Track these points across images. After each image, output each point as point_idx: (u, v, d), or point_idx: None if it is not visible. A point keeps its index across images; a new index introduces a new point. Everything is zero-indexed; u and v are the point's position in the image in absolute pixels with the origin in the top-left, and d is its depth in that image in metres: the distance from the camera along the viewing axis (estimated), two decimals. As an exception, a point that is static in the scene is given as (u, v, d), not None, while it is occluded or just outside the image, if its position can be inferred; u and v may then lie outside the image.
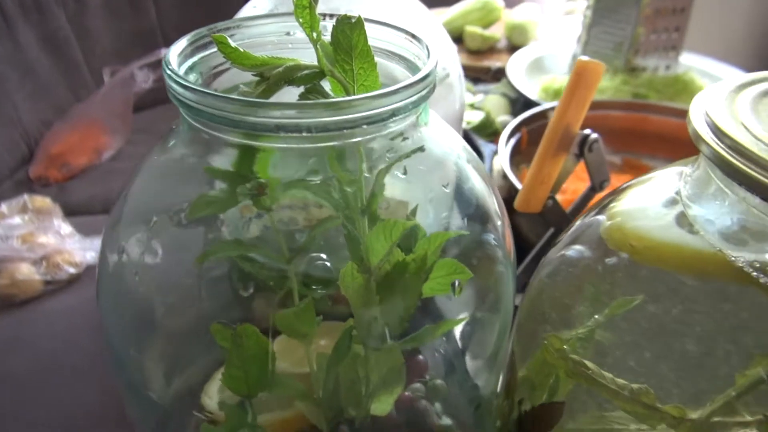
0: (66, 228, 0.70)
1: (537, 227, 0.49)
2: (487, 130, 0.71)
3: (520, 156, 0.61)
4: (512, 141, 0.59)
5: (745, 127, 0.16)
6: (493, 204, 0.25)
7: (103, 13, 1.09)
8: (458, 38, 0.94)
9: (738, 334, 0.19)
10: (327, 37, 0.25)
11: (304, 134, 0.17)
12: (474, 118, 0.73)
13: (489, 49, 0.93)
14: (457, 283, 0.22)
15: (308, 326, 0.26)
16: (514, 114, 0.75)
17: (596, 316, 0.22)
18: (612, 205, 0.23)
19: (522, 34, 0.92)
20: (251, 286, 0.26)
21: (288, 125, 0.17)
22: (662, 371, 0.20)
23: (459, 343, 0.32)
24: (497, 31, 0.94)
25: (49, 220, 0.73)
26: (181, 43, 0.20)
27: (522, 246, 0.52)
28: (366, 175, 0.21)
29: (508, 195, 0.56)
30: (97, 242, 0.67)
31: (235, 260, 0.25)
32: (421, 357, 0.34)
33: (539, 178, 0.34)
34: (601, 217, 0.23)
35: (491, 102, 0.75)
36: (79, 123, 0.95)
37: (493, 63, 0.87)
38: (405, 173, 0.21)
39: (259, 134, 0.18)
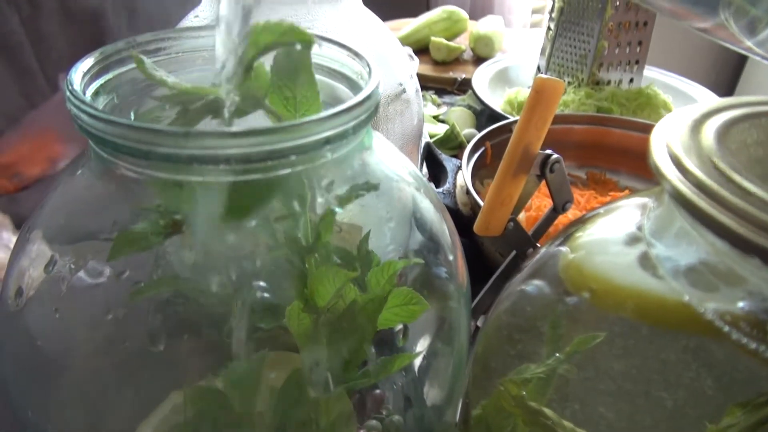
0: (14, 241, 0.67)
1: (501, 246, 0.48)
2: (452, 144, 0.69)
3: (485, 170, 0.59)
4: (475, 156, 0.57)
5: (713, 163, 0.14)
6: (444, 233, 0.23)
7: (58, 18, 1.05)
8: (424, 49, 0.93)
9: (708, 384, 0.17)
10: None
11: (222, 167, 0.15)
12: (438, 130, 0.71)
13: (454, 60, 0.92)
14: (401, 330, 0.20)
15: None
16: (479, 127, 0.74)
17: (557, 354, 0.21)
18: (577, 235, 0.22)
19: (487, 45, 0.91)
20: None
21: (203, 156, 0.15)
22: (627, 421, 0.19)
23: (416, 375, 0.30)
24: (462, 42, 0.94)
25: (-2, 233, 0.69)
26: (89, 61, 0.18)
27: (486, 265, 0.50)
28: (320, 200, 0.19)
29: (472, 212, 0.55)
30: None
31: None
32: (378, 391, 0.32)
33: (499, 200, 0.32)
34: (564, 249, 0.22)
35: (456, 114, 0.74)
36: (32, 131, 0.91)
37: (459, 74, 0.86)
38: (341, 207, 0.19)
39: (173, 166, 0.16)
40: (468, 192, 0.52)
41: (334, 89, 0.22)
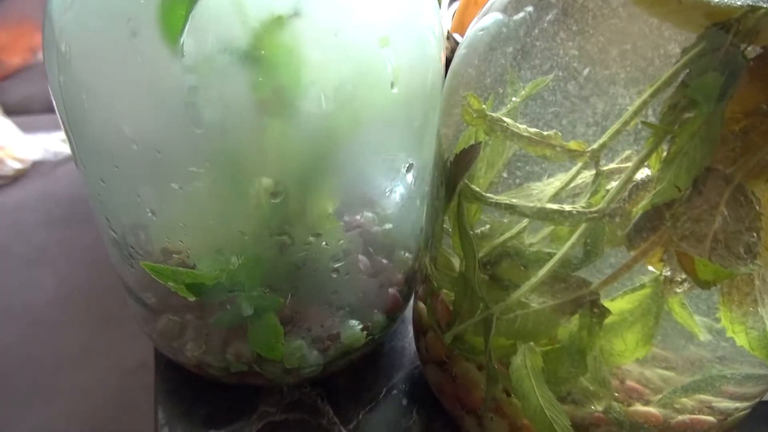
0: (7, 124, 0.69)
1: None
2: (433, 4, 0.70)
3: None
4: (454, 5, 0.59)
5: None
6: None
7: None
8: None
9: (637, 75, 0.20)
10: None
11: None
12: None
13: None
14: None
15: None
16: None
17: (514, 99, 0.24)
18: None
19: None
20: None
21: None
22: (570, 121, 0.22)
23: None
24: None
25: (-14, 117, 0.71)
26: None
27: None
28: None
29: (452, 53, 0.57)
30: (41, 138, 0.65)
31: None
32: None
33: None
34: None
35: (436, -23, 0.75)
36: (9, 21, 0.90)
37: (439, -58, 0.85)
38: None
39: None
40: (448, 37, 0.54)
41: None
